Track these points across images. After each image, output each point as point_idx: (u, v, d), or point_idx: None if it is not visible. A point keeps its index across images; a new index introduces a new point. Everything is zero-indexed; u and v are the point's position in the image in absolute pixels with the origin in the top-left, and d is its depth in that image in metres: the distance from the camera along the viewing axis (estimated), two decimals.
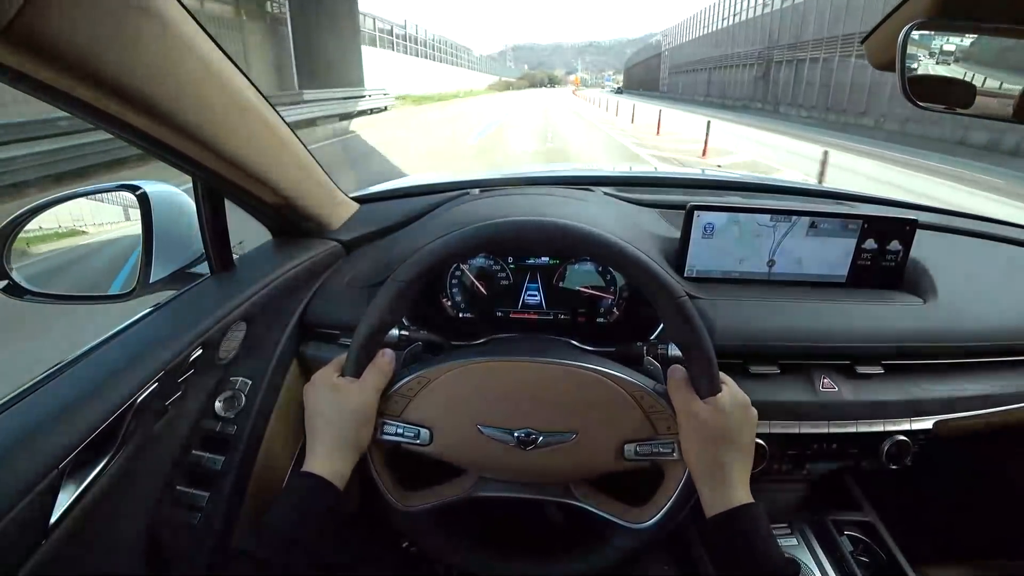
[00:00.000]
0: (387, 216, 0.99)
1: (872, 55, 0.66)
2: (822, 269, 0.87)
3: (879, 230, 0.84)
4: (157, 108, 0.49)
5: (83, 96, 0.44)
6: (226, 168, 0.63)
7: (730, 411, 0.55)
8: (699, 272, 0.87)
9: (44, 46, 0.38)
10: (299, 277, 0.83)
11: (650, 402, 0.58)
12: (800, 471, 0.78)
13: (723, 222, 0.84)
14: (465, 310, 0.88)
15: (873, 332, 0.77)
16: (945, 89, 0.61)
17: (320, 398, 0.58)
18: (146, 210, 0.74)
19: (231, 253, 0.77)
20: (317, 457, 0.55)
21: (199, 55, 0.52)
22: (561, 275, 0.86)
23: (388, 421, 0.59)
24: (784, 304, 0.81)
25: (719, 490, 0.54)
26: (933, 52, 0.60)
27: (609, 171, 1.36)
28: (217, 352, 0.70)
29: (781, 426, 0.73)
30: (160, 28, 0.46)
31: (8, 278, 0.72)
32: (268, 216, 0.83)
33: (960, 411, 0.76)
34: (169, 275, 0.75)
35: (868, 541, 0.84)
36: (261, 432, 0.73)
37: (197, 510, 0.66)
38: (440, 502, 0.63)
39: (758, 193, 1.18)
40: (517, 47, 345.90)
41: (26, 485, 0.46)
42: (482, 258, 0.86)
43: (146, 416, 0.59)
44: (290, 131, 0.73)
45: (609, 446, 0.59)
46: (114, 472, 0.56)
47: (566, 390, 0.59)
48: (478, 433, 0.58)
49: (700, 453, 0.55)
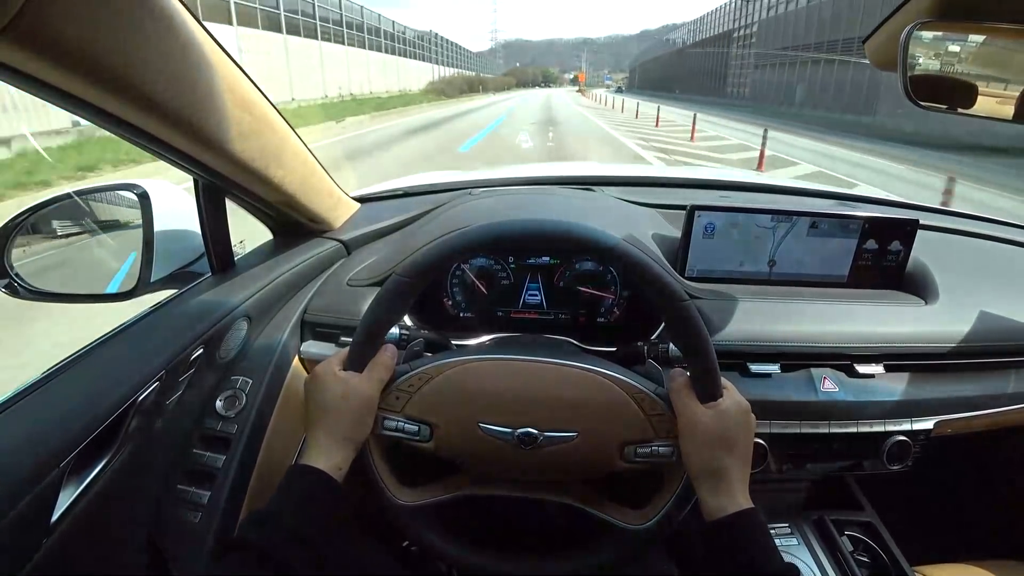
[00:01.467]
0: (388, 215, 0.99)
1: (873, 55, 0.66)
2: (823, 269, 0.87)
3: (880, 230, 0.84)
4: (158, 107, 0.49)
5: (84, 95, 0.44)
6: (227, 167, 0.63)
7: (731, 416, 0.55)
8: (700, 272, 0.87)
9: (46, 45, 0.38)
10: (300, 276, 0.83)
11: (651, 404, 0.58)
12: (801, 471, 0.78)
13: (724, 222, 0.84)
14: (466, 309, 0.88)
15: (874, 332, 0.77)
16: (946, 89, 0.61)
17: (321, 390, 0.58)
18: (147, 209, 0.74)
19: (231, 252, 0.77)
20: (316, 450, 0.55)
21: (200, 54, 0.52)
22: (562, 275, 0.86)
23: (388, 416, 0.59)
24: (785, 304, 0.81)
25: (719, 495, 0.54)
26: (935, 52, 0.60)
27: (610, 171, 1.36)
28: (218, 351, 0.70)
29: (781, 426, 0.73)
30: (161, 27, 0.46)
31: (8, 277, 0.72)
32: (269, 215, 0.83)
33: (961, 411, 0.76)
34: (169, 274, 0.76)
35: (868, 541, 0.84)
36: (262, 431, 0.73)
37: (198, 509, 0.66)
38: (439, 499, 0.63)
39: (759, 194, 1.18)
40: (508, 43, 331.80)
41: (28, 484, 0.46)
42: (483, 258, 0.86)
43: (147, 415, 0.59)
44: (291, 130, 0.73)
45: (609, 447, 0.59)
46: (115, 471, 0.56)
47: (567, 390, 0.59)
48: (478, 431, 0.58)
49: (700, 457, 0.55)
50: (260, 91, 0.64)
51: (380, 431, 0.59)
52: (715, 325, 0.76)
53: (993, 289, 0.87)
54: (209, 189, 0.70)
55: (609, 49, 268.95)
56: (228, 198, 0.73)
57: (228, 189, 0.70)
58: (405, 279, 0.57)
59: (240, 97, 0.60)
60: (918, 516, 0.95)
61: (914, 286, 0.86)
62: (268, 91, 0.66)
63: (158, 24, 0.46)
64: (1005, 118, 0.59)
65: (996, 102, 0.59)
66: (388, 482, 0.61)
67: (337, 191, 0.93)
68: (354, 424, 0.57)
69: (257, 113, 0.64)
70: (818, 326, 0.78)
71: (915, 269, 0.87)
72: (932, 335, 0.78)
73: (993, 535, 0.98)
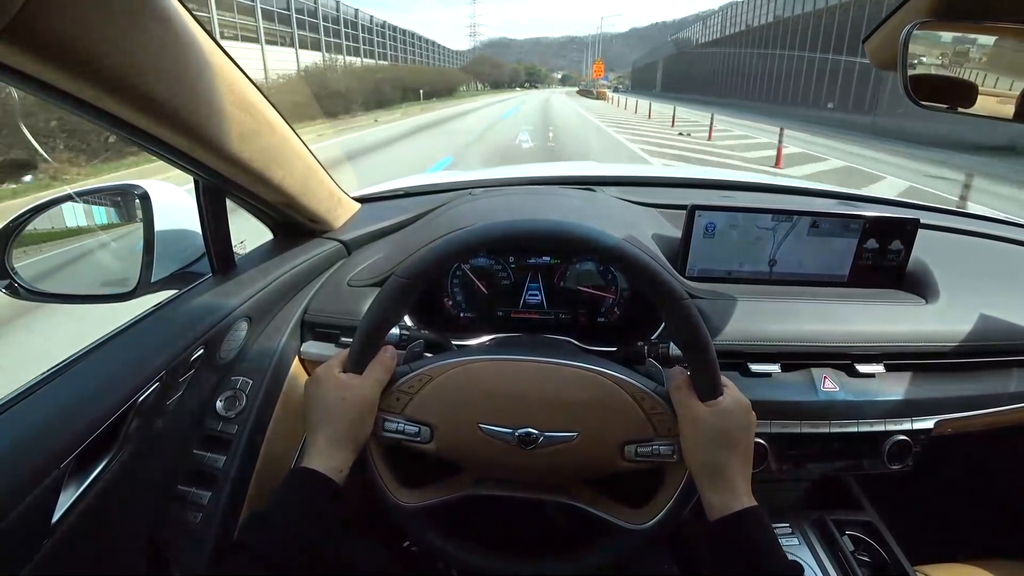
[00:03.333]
0: (388, 216, 0.99)
1: (873, 55, 0.66)
2: (823, 269, 0.87)
3: (881, 230, 0.84)
4: (158, 107, 0.49)
5: (84, 95, 0.44)
6: (227, 168, 0.63)
7: (731, 414, 0.55)
8: (700, 272, 0.87)
9: (45, 45, 0.38)
10: (300, 277, 0.83)
11: (651, 403, 0.58)
12: (801, 471, 0.78)
13: (724, 222, 0.84)
14: (466, 309, 0.88)
15: (874, 332, 0.77)
16: (946, 89, 0.61)
17: (322, 391, 0.58)
18: (147, 210, 0.74)
19: (232, 253, 0.77)
20: (316, 452, 0.55)
21: (200, 54, 0.52)
22: (562, 275, 0.86)
23: (389, 417, 0.59)
24: (785, 304, 0.81)
25: (721, 494, 0.54)
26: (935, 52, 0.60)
27: (610, 171, 1.36)
28: (218, 352, 0.70)
29: (781, 426, 0.73)
30: (162, 27, 0.46)
31: (9, 277, 0.72)
32: (269, 216, 0.83)
33: (961, 411, 0.76)
34: (170, 275, 0.75)
35: (869, 541, 0.84)
36: (262, 432, 0.73)
37: (198, 509, 0.66)
38: (439, 500, 0.63)
39: (759, 193, 1.18)
40: (492, 42, 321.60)
41: (28, 484, 0.46)
42: (483, 257, 0.86)
43: (147, 416, 0.59)
44: (291, 130, 0.73)
45: (610, 447, 0.59)
46: (115, 472, 0.56)
47: (567, 390, 0.59)
48: (479, 432, 0.58)
49: (701, 456, 0.55)
50: (260, 91, 0.64)
51: (380, 432, 0.59)
52: (715, 325, 0.76)
53: (994, 288, 0.87)
54: (209, 189, 0.70)
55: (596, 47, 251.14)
56: (228, 198, 0.73)
57: (228, 189, 0.70)
58: (405, 279, 0.57)
59: (240, 97, 0.60)
60: (918, 516, 0.95)
61: (915, 285, 0.86)
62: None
63: (158, 24, 0.46)
64: (1005, 117, 0.59)
65: (996, 101, 0.59)
66: (389, 483, 0.61)
67: (337, 191, 0.93)
68: (354, 426, 0.57)
69: (257, 113, 0.64)
70: (818, 326, 0.77)
71: (916, 268, 0.87)
72: (932, 334, 0.78)
73: (993, 535, 0.98)
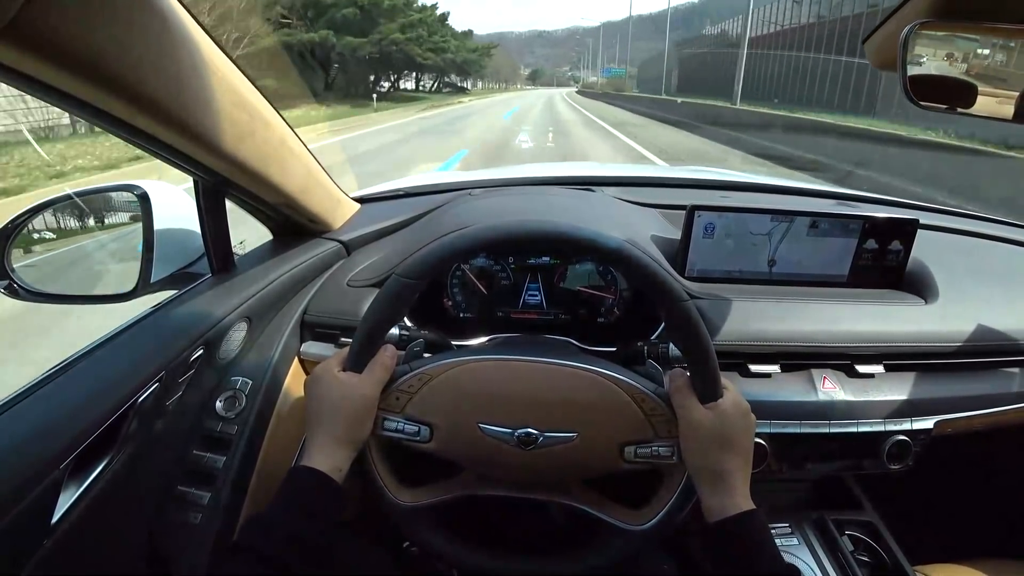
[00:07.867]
0: (388, 216, 0.98)
1: (872, 55, 0.66)
2: (823, 269, 0.87)
3: (880, 230, 0.84)
4: (158, 107, 0.49)
5: (84, 95, 0.44)
6: (227, 168, 0.63)
7: (731, 416, 0.55)
8: (700, 272, 0.87)
9: (45, 45, 0.38)
10: (300, 277, 0.83)
11: (651, 404, 0.58)
12: (801, 471, 0.78)
13: (724, 222, 0.84)
14: (466, 310, 0.88)
15: (874, 332, 0.77)
16: (946, 89, 0.61)
17: (321, 390, 0.58)
18: (147, 210, 0.74)
19: (232, 253, 0.77)
20: (315, 451, 0.55)
21: (200, 54, 0.52)
22: (562, 275, 0.86)
23: (388, 416, 0.59)
24: (785, 304, 0.81)
25: (720, 496, 0.54)
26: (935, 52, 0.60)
27: (610, 171, 1.36)
28: (218, 352, 0.70)
29: (781, 426, 0.73)
30: (161, 27, 0.46)
31: (8, 278, 0.72)
32: (269, 216, 0.83)
33: (961, 411, 0.76)
34: (169, 275, 0.75)
35: (869, 541, 0.84)
36: (262, 432, 0.73)
37: (198, 510, 0.66)
38: (439, 499, 0.63)
39: (758, 193, 1.18)
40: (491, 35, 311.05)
41: (28, 484, 0.46)
42: (483, 258, 0.86)
43: (147, 416, 0.59)
44: (291, 130, 0.73)
45: (609, 447, 0.59)
46: (115, 472, 0.56)
47: (567, 391, 0.59)
48: (478, 432, 0.58)
49: (701, 458, 0.55)
50: (259, 91, 0.64)
51: (380, 432, 0.59)
52: (715, 325, 0.76)
53: (993, 289, 0.87)
54: (209, 190, 0.70)
55: (569, 43, 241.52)
56: (228, 199, 0.73)
57: (228, 190, 0.70)
58: (405, 280, 0.57)
59: (239, 97, 0.60)
60: (918, 516, 0.95)
61: (914, 286, 0.86)
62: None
63: (158, 25, 0.46)
64: (1005, 118, 0.59)
65: (996, 102, 0.59)
66: (388, 483, 0.61)
67: (337, 191, 0.93)
68: (354, 425, 0.57)
69: (256, 114, 0.64)
70: (818, 326, 0.78)
71: (915, 269, 0.87)
72: (932, 335, 0.78)
73: (993, 535, 0.98)
